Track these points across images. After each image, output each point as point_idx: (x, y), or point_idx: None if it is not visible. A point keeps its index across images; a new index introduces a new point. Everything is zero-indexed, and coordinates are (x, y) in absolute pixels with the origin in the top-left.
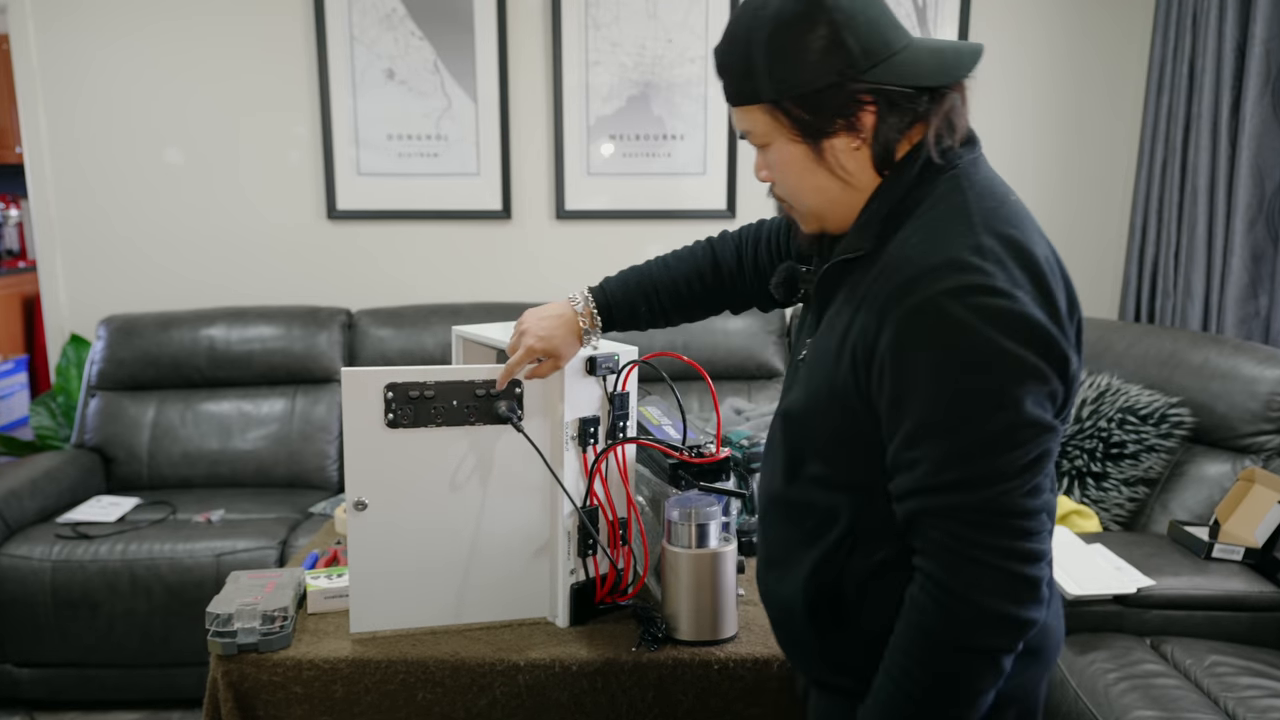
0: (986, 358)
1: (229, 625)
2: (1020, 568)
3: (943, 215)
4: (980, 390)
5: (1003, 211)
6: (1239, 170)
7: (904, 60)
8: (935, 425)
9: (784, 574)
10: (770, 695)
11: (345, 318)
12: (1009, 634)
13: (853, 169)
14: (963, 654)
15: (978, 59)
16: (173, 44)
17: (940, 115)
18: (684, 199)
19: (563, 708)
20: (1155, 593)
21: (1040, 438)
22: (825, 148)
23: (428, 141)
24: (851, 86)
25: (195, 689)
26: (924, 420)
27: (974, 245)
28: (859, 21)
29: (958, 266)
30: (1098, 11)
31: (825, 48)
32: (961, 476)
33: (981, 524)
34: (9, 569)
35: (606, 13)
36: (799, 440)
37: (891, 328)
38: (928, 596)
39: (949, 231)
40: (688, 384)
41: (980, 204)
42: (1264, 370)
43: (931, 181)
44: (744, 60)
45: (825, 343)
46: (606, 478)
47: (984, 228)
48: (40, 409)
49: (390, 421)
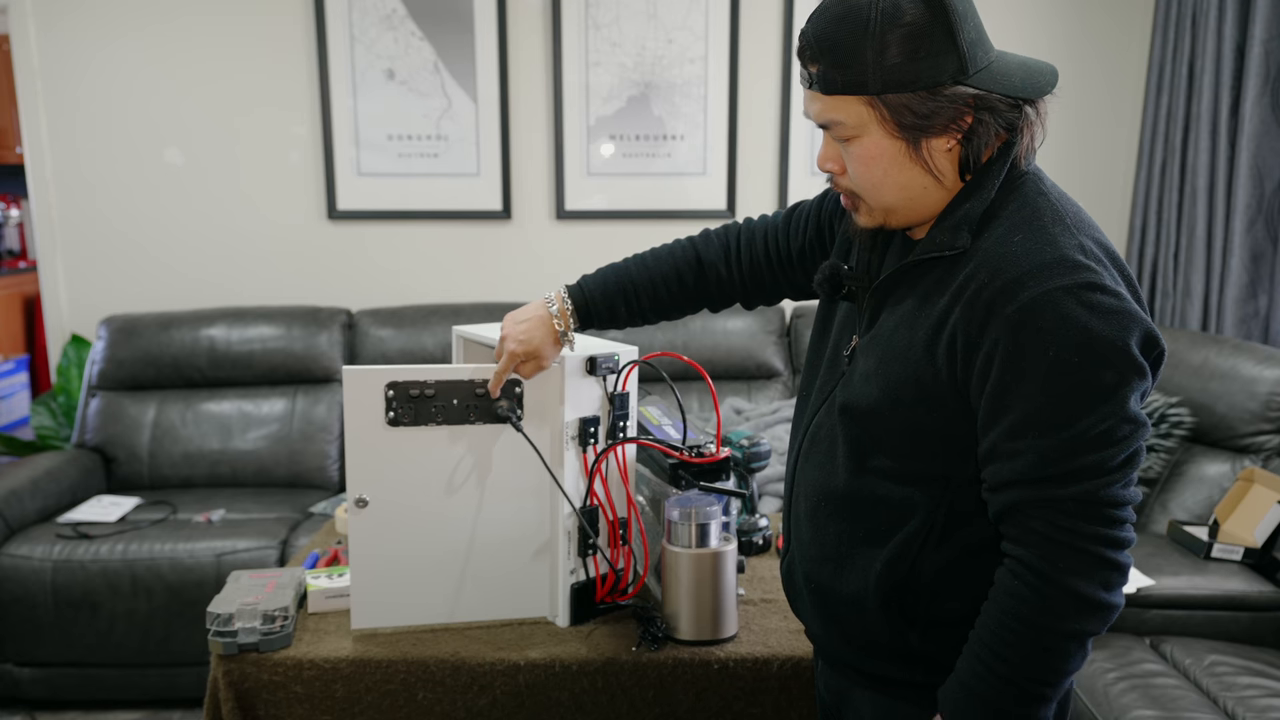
0: (1103, 354)
1: (230, 625)
2: (1114, 555)
3: (1036, 217)
4: (1092, 386)
5: (1084, 217)
6: (1238, 170)
7: (999, 70)
8: (1044, 418)
9: (845, 570)
10: (770, 695)
11: (345, 318)
12: (1100, 617)
13: (944, 169)
14: (1056, 637)
15: (1056, 79)
16: (173, 44)
17: (1030, 126)
18: (684, 199)
19: (563, 708)
20: (1155, 592)
21: (1138, 433)
22: (924, 146)
23: (428, 142)
24: (961, 90)
25: (196, 689)
26: (1032, 412)
27: (1078, 245)
28: (969, 26)
29: (1070, 265)
30: (1098, 11)
31: (941, 49)
32: (1068, 470)
33: (1081, 514)
34: (10, 569)
35: (606, 13)
36: (865, 434)
37: (1002, 321)
38: (1023, 583)
39: (1051, 232)
40: (688, 384)
41: (1065, 208)
42: (1263, 370)
43: (1012, 186)
44: (850, 51)
45: (904, 337)
46: (606, 478)
47: (1078, 230)
48: (41, 409)
49: (391, 420)
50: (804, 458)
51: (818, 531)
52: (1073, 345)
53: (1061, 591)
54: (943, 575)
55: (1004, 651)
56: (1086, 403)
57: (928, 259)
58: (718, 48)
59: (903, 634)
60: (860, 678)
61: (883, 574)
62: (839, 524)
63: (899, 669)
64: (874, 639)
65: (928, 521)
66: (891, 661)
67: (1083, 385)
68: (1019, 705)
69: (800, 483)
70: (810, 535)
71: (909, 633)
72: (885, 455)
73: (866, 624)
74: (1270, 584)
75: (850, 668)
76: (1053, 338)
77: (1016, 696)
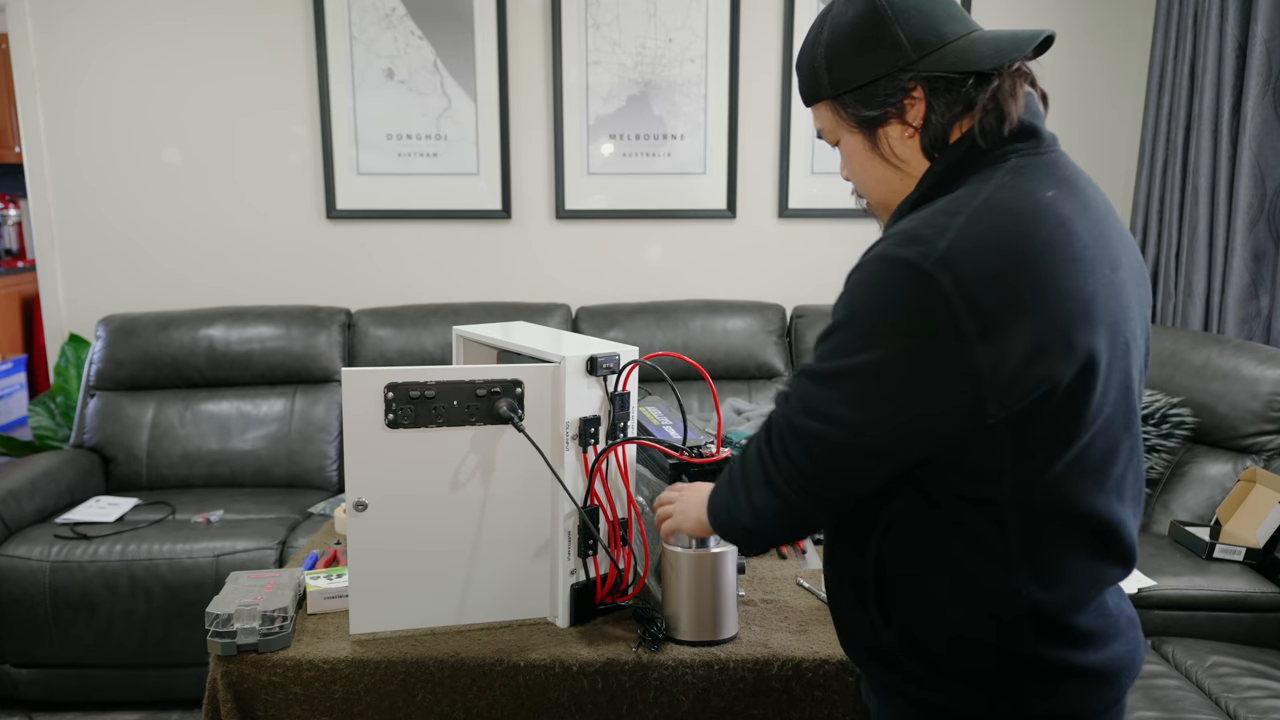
0: (864, 311)
1: (228, 625)
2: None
3: (952, 200)
4: (849, 331)
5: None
6: (1240, 170)
7: (958, 48)
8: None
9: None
10: (771, 696)
11: (345, 318)
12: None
13: (906, 157)
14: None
15: (1033, 43)
16: (172, 44)
17: (986, 99)
18: (684, 199)
19: (563, 708)
20: (1156, 593)
21: (803, 417)
22: (880, 137)
23: (427, 141)
24: (900, 77)
25: (195, 689)
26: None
27: (943, 225)
28: (910, 16)
29: (909, 238)
30: (1098, 11)
31: (877, 42)
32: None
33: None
34: (8, 569)
35: (606, 12)
36: None
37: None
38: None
39: (937, 213)
40: (688, 384)
41: (996, 194)
42: (1265, 370)
43: (975, 171)
44: (809, 62)
45: None
46: (607, 478)
47: (974, 219)
48: (39, 409)
49: (390, 422)
50: None
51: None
52: (843, 305)
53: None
54: (901, 567)
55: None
56: (842, 345)
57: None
58: (718, 47)
59: (878, 631)
60: (866, 677)
61: (851, 567)
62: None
63: (881, 669)
64: (856, 637)
65: (881, 514)
66: (872, 660)
67: (842, 325)
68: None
69: None
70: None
71: (884, 631)
72: None
73: (850, 621)
74: (1272, 584)
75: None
76: (843, 298)
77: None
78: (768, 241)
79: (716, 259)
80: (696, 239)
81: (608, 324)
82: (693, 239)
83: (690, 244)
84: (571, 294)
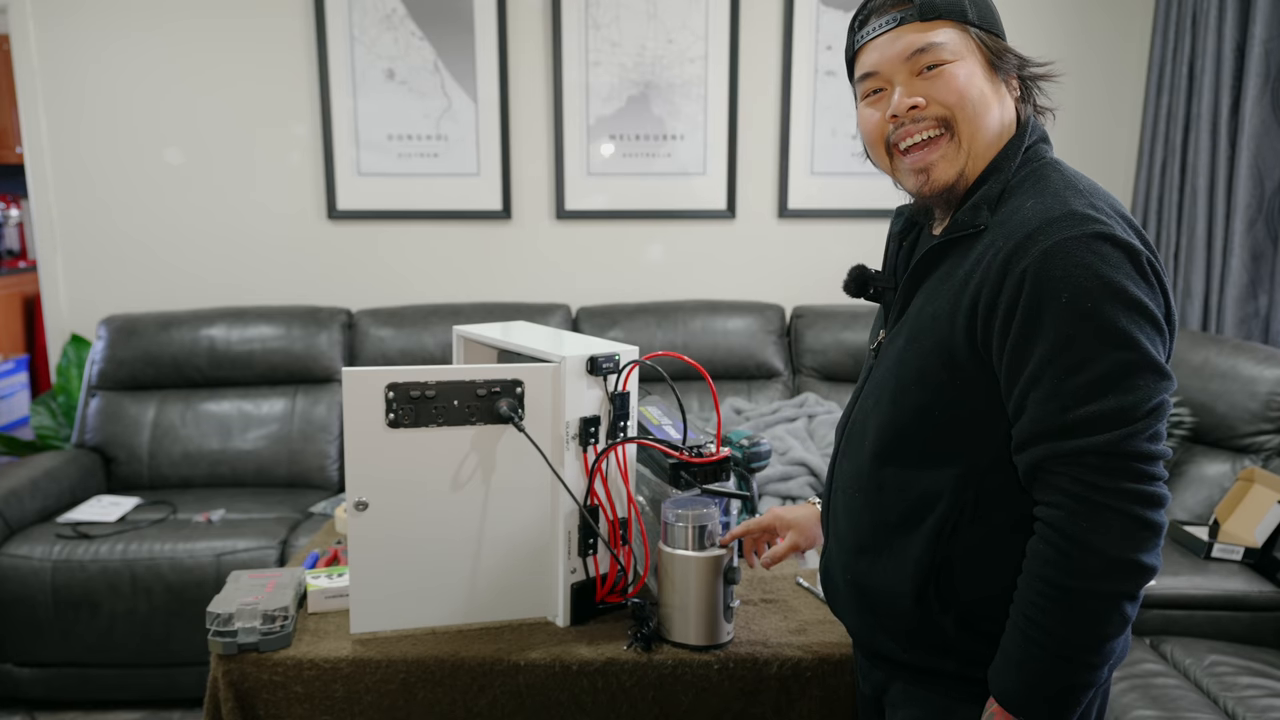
0: (1114, 298)
1: (229, 625)
2: (1143, 512)
3: (1047, 184)
4: (1106, 329)
5: (1100, 188)
6: (1238, 170)
7: None
8: (1060, 364)
9: (880, 560)
10: (770, 695)
11: (345, 318)
12: (1133, 579)
13: (1008, 109)
14: (1086, 599)
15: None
16: (172, 44)
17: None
18: (684, 199)
19: (563, 708)
20: (1155, 592)
21: (1161, 384)
22: (1003, 87)
23: (428, 141)
24: (1013, 50)
25: (195, 689)
26: (1048, 360)
27: (1088, 204)
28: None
29: (1079, 217)
30: (1098, 11)
31: (995, 8)
32: (1086, 418)
33: (1104, 469)
34: (9, 569)
35: (606, 13)
36: (893, 419)
37: (1016, 278)
38: (1049, 545)
39: (1062, 195)
40: (688, 384)
41: (1079, 181)
42: (1263, 370)
43: (1028, 167)
44: None
45: (929, 312)
46: (607, 477)
47: (1090, 194)
48: (41, 409)
49: (391, 421)
50: (841, 454)
51: (853, 524)
52: (1083, 289)
53: (1086, 552)
54: (974, 561)
55: (1039, 618)
56: (1101, 346)
57: (951, 240)
58: (718, 48)
59: (938, 623)
60: (899, 670)
61: (915, 562)
62: (872, 514)
63: (936, 659)
64: (910, 629)
65: (956, 506)
66: (929, 652)
67: (1096, 329)
68: (1063, 674)
69: (838, 477)
70: (846, 528)
71: (944, 621)
72: (912, 439)
73: (902, 614)
74: (1270, 584)
75: (888, 660)
76: (1064, 284)
77: (1058, 664)
78: (767, 241)
79: (716, 259)
80: (696, 239)
81: (608, 324)
82: (693, 239)
83: (690, 244)
84: (572, 294)
